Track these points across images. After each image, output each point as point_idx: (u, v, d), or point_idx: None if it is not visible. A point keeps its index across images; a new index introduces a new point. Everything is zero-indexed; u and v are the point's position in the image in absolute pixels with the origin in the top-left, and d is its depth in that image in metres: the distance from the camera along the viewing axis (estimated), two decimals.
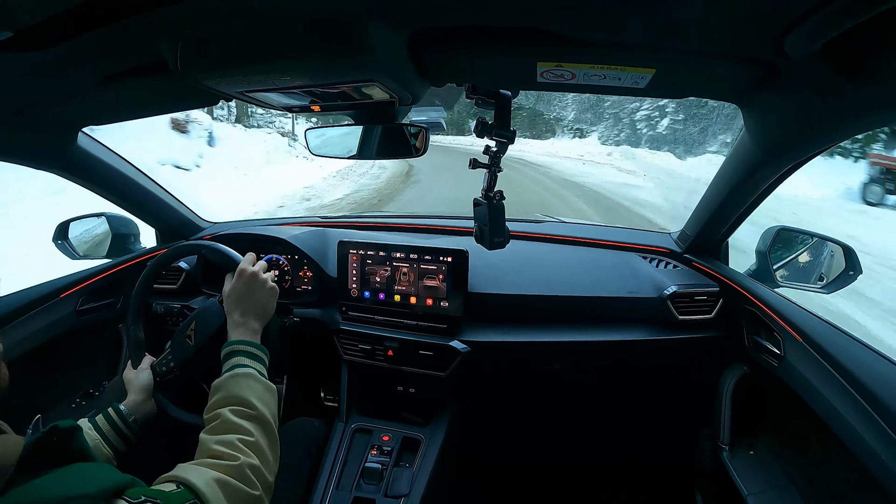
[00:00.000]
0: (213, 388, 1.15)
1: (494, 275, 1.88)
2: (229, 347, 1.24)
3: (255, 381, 1.16)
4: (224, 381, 1.15)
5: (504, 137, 1.27)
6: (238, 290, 1.35)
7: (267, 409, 1.14)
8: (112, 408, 1.35)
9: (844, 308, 5.55)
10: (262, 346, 1.28)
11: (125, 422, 1.33)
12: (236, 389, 1.12)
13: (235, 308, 1.32)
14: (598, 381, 2.16)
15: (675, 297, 1.77)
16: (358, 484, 1.63)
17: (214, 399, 1.13)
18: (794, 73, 0.91)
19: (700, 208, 1.79)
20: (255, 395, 1.13)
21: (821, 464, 1.45)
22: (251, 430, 1.07)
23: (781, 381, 1.50)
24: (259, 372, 1.20)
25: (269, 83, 1.02)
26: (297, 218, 2.50)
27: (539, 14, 0.81)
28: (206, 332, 1.44)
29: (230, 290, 1.36)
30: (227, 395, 1.12)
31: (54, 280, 1.84)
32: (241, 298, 1.33)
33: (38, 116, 1.35)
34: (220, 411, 1.08)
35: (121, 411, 1.34)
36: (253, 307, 1.34)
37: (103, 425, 1.30)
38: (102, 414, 1.33)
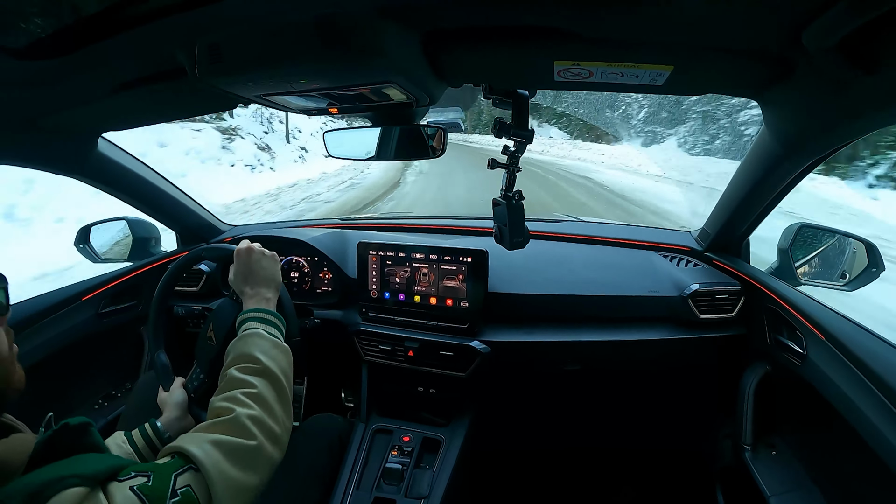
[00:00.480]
0: (227, 353, 1.16)
1: (514, 275, 1.88)
2: (241, 317, 1.26)
3: (260, 339, 1.17)
4: (232, 344, 1.17)
5: (522, 137, 1.27)
6: (239, 269, 1.37)
7: (273, 363, 1.14)
8: (149, 423, 1.34)
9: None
10: (274, 311, 1.29)
11: (160, 438, 1.33)
12: (243, 348, 1.14)
13: (244, 284, 1.34)
14: (619, 380, 2.15)
15: (696, 295, 1.76)
16: (378, 484, 1.64)
17: (227, 363, 1.14)
18: (812, 68, 0.90)
19: (720, 206, 1.78)
20: (259, 351, 1.13)
21: (844, 465, 1.43)
22: (254, 383, 1.07)
23: (804, 381, 1.48)
24: (267, 332, 1.21)
25: (285, 86, 1.02)
26: (317, 220, 2.51)
27: (555, 13, 0.81)
28: (224, 326, 1.44)
29: (234, 274, 1.38)
30: (234, 356, 1.13)
31: (76, 284, 1.86)
32: (245, 274, 1.35)
33: (57, 123, 1.36)
34: (227, 371, 1.10)
35: (157, 427, 1.34)
36: (259, 278, 1.35)
37: (138, 440, 1.30)
38: (138, 429, 1.32)
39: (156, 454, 1.26)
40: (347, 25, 0.81)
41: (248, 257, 1.38)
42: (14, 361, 0.88)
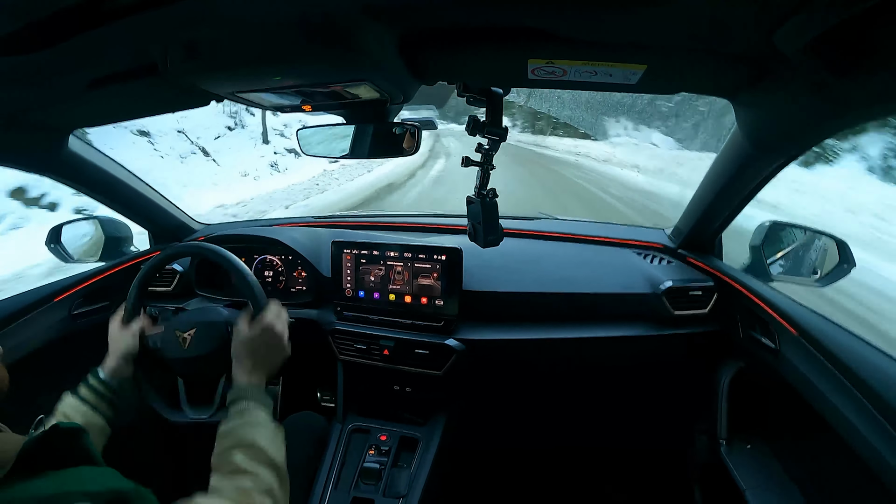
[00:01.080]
0: (223, 433, 1.13)
1: (489, 273, 1.88)
2: (238, 392, 1.22)
3: (265, 427, 1.15)
4: (234, 426, 1.13)
5: (496, 135, 1.27)
6: (258, 342, 1.30)
7: (278, 453, 1.13)
8: (91, 375, 1.34)
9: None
10: (267, 395, 1.25)
11: (109, 388, 1.34)
12: (249, 435, 1.11)
13: (249, 357, 1.28)
14: (595, 376, 2.16)
15: (669, 292, 1.77)
16: (356, 484, 1.64)
17: (225, 444, 1.10)
18: (784, 69, 0.91)
19: (693, 204, 1.79)
20: (266, 440, 1.11)
21: (818, 457, 1.45)
22: (264, 475, 1.06)
23: (778, 376, 1.50)
24: (267, 416, 1.19)
25: (260, 84, 1.02)
26: (291, 218, 2.50)
27: (528, 13, 0.81)
28: (204, 345, 1.41)
29: (251, 337, 1.30)
30: (240, 441, 1.10)
31: (48, 284, 1.84)
32: (257, 352, 1.29)
33: (27, 120, 1.34)
34: (233, 456, 1.07)
35: (101, 378, 1.34)
36: (267, 364, 1.30)
37: (88, 396, 1.30)
38: (83, 384, 1.33)
39: (109, 404, 1.29)
40: (324, 23, 0.81)
41: (275, 340, 1.33)
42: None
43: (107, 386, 1.33)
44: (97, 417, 1.28)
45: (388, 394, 1.92)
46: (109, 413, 1.32)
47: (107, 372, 1.36)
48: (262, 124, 17.77)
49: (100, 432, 1.28)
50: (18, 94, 1.15)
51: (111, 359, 1.40)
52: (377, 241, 1.84)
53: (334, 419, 1.88)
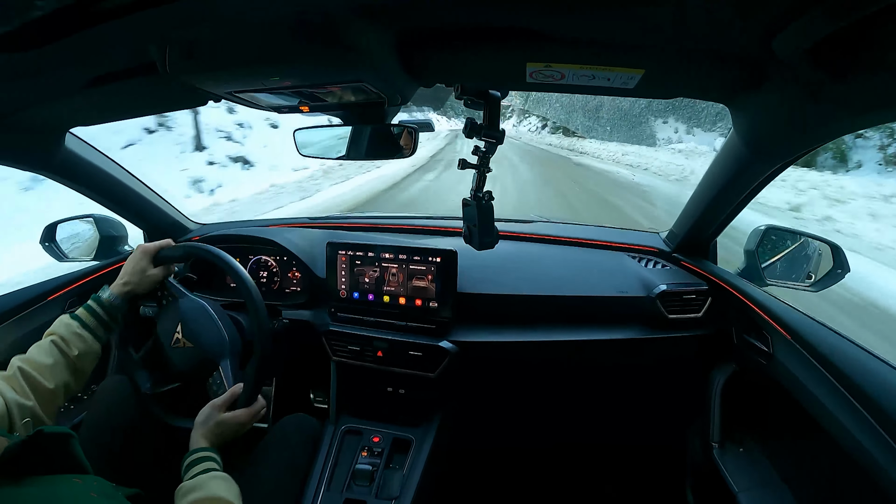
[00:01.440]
0: (189, 488, 1.11)
1: (484, 275, 1.88)
2: (200, 454, 1.20)
3: (231, 484, 1.14)
4: (203, 480, 1.12)
5: (493, 138, 1.27)
6: (225, 429, 1.29)
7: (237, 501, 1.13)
8: (93, 300, 1.37)
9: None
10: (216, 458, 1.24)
11: (109, 311, 1.36)
12: (219, 491, 1.10)
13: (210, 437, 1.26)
14: (588, 379, 2.16)
15: (664, 295, 1.78)
16: (349, 486, 1.63)
17: (196, 497, 1.08)
18: (782, 74, 0.91)
19: (689, 208, 1.80)
20: (234, 496, 1.11)
21: (811, 460, 1.46)
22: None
23: (771, 379, 1.51)
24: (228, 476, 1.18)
25: (257, 84, 1.02)
26: (286, 219, 2.49)
27: (527, 14, 0.81)
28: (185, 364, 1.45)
29: (222, 422, 1.29)
30: (211, 497, 1.09)
31: (42, 283, 1.83)
32: (220, 435, 1.28)
33: (24, 118, 1.33)
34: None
35: (104, 301, 1.38)
36: (222, 441, 1.29)
37: (89, 321, 1.32)
38: (84, 307, 1.35)
39: (107, 329, 1.35)
40: (322, 24, 0.81)
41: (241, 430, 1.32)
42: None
43: (108, 309, 1.36)
44: (95, 343, 1.31)
45: (382, 395, 1.92)
46: (104, 336, 1.35)
47: (113, 293, 1.39)
48: (194, 125, 14.05)
49: (94, 357, 1.32)
50: (14, 91, 1.15)
51: (122, 286, 1.43)
52: (372, 243, 1.84)
53: (327, 420, 1.87)
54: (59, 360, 1.22)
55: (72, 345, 1.25)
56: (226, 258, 1.50)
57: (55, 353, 1.23)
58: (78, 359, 1.25)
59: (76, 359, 1.25)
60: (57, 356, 1.22)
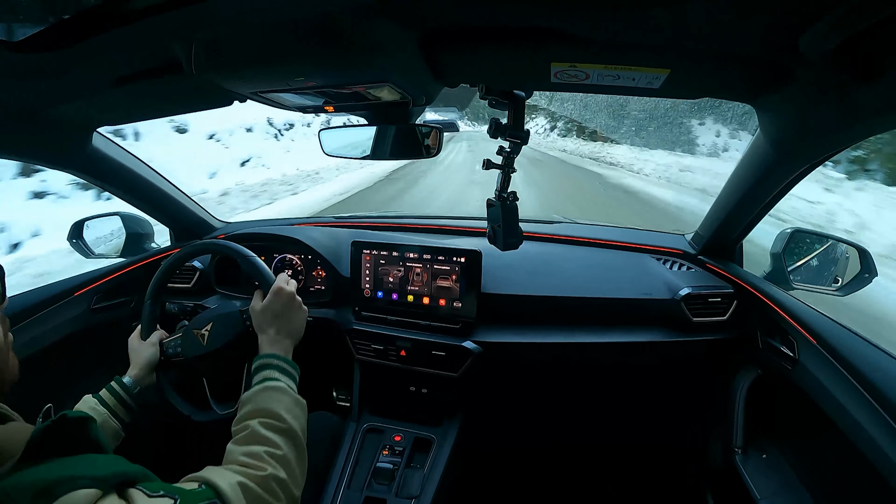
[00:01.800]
0: (243, 401, 1.14)
1: (507, 276, 1.88)
2: (262, 360, 1.23)
3: (285, 395, 1.15)
4: (255, 393, 1.14)
5: (518, 138, 1.27)
6: (275, 308, 1.33)
7: (296, 422, 1.13)
8: (115, 381, 1.38)
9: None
10: (293, 363, 1.28)
11: (129, 393, 1.37)
12: (266, 402, 1.12)
13: (271, 325, 1.31)
14: (611, 382, 2.15)
15: (688, 298, 1.76)
16: (369, 484, 1.64)
17: (244, 411, 1.11)
18: (808, 74, 0.90)
19: (714, 209, 1.78)
20: (284, 408, 1.12)
21: (834, 469, 1.44)
22: (279, 443, 1.06)
23: (795, 385, 1.49)
24: (289, 386, 1.20)
25: (282, 84, 1.03)
26: (311, 218, 2.51)
27: (553, 15, 0.81)
28: (221, 337, 1.44)
29: (265, 306, 1.33)
30: (257, 408, 1.11)
31: (69, 279, 1.86)
32: (277, 316, 1.32)
33: (53, 117, 1.36)
34: (249, 423, 1.07)
35: (125, 384, 1.38)
36: (288, 327, 1.33)
37: (109, 399, 1.33)
38: (106, 389, 1.36)
39: (128, 409, 1.33)
40: (347, 24, 0.81)
41: (289, 302, 1.36)
42: (9, 351, 0.88)
43: (129, 392, 1.37)
44: (113, 422, 1.32)
45: (404, 394, 1.92)
46: (126, 418, 1.36)
47: (131, 377, 1.40)
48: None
49: (114, 436, 1.32)
50: (44, 90, 1.17)
51: (134, 368, 1.44)
52: (396, 243, 1.85)
53: (349, 418, 1.88)
54: None
55: None
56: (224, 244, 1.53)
57: None
58: None
59: None
60: None
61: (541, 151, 26.45)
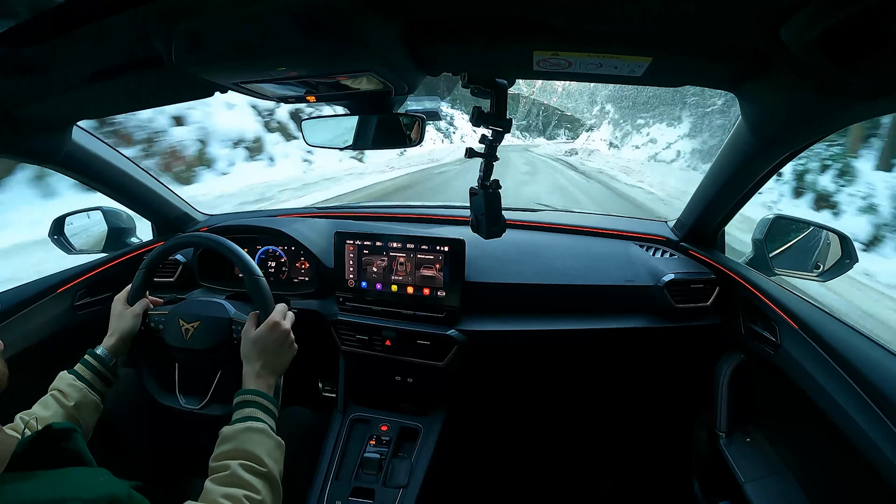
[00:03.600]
0: (224, 437, 1.13)
1: (491, 264, 1.89)
2: (246, 396, 1.23)
3: (267, 438, 1.16)
4: (237, 432, 1.14)
5: (500, 126, 1.27)
6: (266, 342, 1.32)
7: (276, 466, 1.13)
8: (89, 354, 1.38)
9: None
10: (275, 400, 1.27)
11: (105, 366, 1.38)
12: (249, 444, 1.11)
13: (258, 358, 1.30)
14: (596, 369, 2.17)
15: (671, 284, 1.78)
16: (357, 474, 1.64)
17: (225, 449, 1.11)
18: (789, 63, 0.91)
19: (696, 197, 1.80)
20: (266, 452, 1.12)
21: (817, 450, 1.46)
22: (259, 488, 1.06)
23: (778, 369, 1.50)
24: (271, 427, 1.20)
25: (264, 74, 1.02)
26: (293, 209, 2.49)
27: (535, 5, 0.81)
28: (204, 340, 1.44)
29: (258, 337, 1.32)
30: (239, 449, 1.10)
31: (51, 276, 1.84)
32: (266, 351, 1.31)
33: (31, 112, 1.34)
34: (230, 463, 1.07)
35: (100, 356, 1.39)
36: (274, 363, 1.32)
37: (85, 374, 1.34)
38: (81, 363, 1.36)
39: (105, 381, 1.34)
40: (329, 14, 0.81)
41: (283, 338, 1.35)
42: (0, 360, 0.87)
43: (104, 364, 1.38)
44: (92, 395, 1.32)
45: (390, 384, 1.92)
46: (104, 390, 1.36)
47: (106, 349, 1.40)
48: None
49: (94, 409, 1.32)
50: (21, 84, 1.16)
51: (111, 337, 1.44)
52: (380, 232, 1.84)
53: (335, 409, 1.89)
54: (58, 411, 1.25)
55: (68, 396, 1.28)
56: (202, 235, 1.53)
57: (53, 405, 1.25)
58: (76, 409, 1.27)
59: (74, 409, 1.27)
60: (55, 408, 1.25)
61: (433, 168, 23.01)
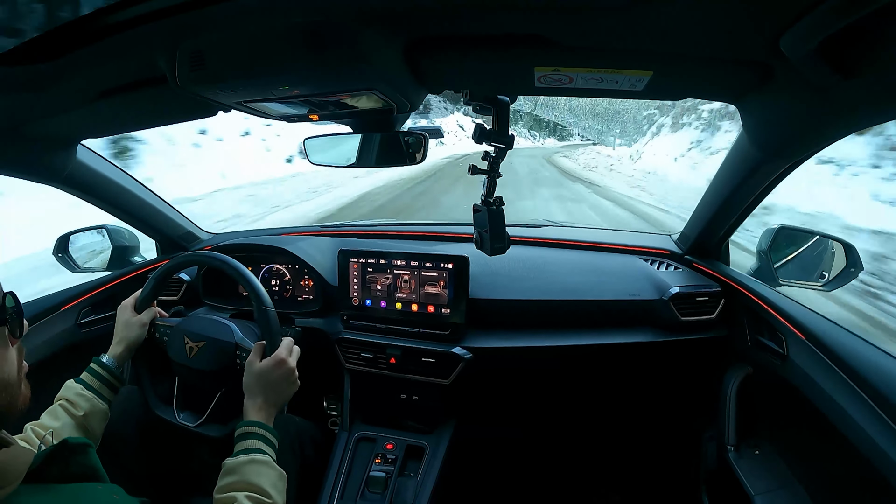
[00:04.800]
0: (228, 468, 1.14)
1: (496, 281, 1.88)
2: (248, 428, 1.23)
3: (271, 469, 1.16)
4: (241, 464, 1.14)
5: (502, 143, 1.27)
6: (271, 378, 1.32)
7: (280, 497, 1.14)
8: (95, 363, 1.40)
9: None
10: (275, 431, 1.27)
11: (112, 373, 1.40)
12: (254, 477, 1.12)
13: (261, 392, 1.30)
14: (602, 384, 2.16)
15: (677, 298, 1.77)
16: (363, 493, 1.63)
17: (230, 481, 1.12)
18: (790, 73, 0.91)
19: (700, 209, 1.79)
20: (270, 484, 1.13)
21: (827, 462, 1.44)
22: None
23: (786, 381, 1.49)
24: (273, 458, 1.20)
25: (266, 93, 1.02)
26: (297, 227, 2.50)
27: (536, 21, 0.81)
28: (207, 362, 1.45)
29: (262, 371, 1.32)
30: (245, 481, 1.11)
31: (55, 294, 1.84)
32: (270, 386, 1.31)
33: (36, 130, 1.35)
34: (236, 496, 1.08)
35: (106, 364, 1.40)
36: (277, 398, 1.32)
37: (93, 382, 1.35)
38: (88, 371, 1.38)
39: (111, 389, 1.36)
40: (332, 33, 0.81)
41: (287, 375, 1.35)
42: (23, 382, 0.88)
43: (111, 372, 1.39)
44: (101, 403, 1.34)
45: (395, 402, 1.92)
46: (111, 397, 1.38)
47: (112, 357, 1.42)
48: None
49: (103, 417, 1.34)
50: (25, 103, 1.16)
51: (117, 345, 1.46)
52: (384, 250, 1.84)
53: (340, 428, 1.88)
54: (67, 422, 1.26)
55: (77, 406, 1.29)
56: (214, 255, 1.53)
57: (62, 415, 1.26)
58: (85, 418, 1.28)
59: (83, 419, 1.28)
60: (65, 418, 1.26)
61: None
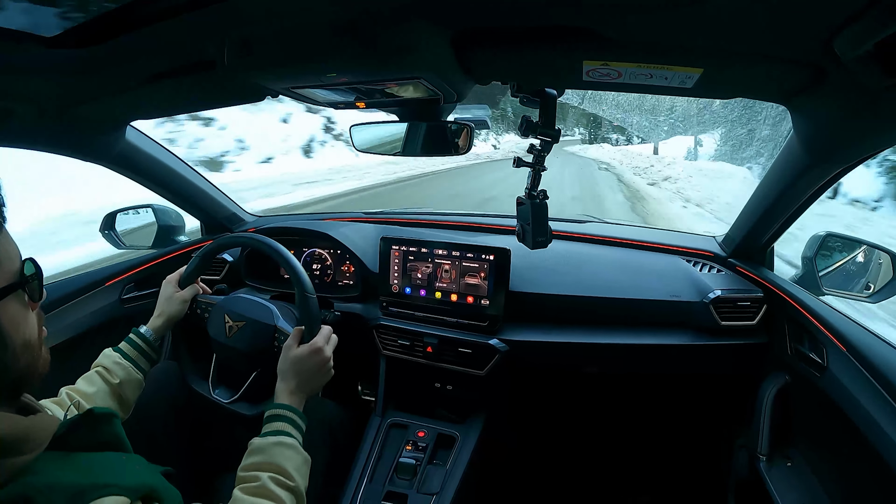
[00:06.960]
0: (255, 448, 1.16)
1: (536, 274, 1.88)
2: (279, 410, 1.24)
3: (297, 453, 1.17)
4: (268, 445, 1.16)
5: (549, 136, 1.26)
6: (306, 365, 1.33)
7: (303, 481, 1.15)
8: (134, 333, 1.45)
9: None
10: (304, 416, 1.28)
11: (150, 345, 1.45)
12: (280, 459, 1.13)
13: (295, 377, 1.31)
14: (636, 384, 2.14)
15: (718, 302, 1.75)
16: (391, 479, 1.65)
17: (256, 460, 1.13)
18: (843, 75, 0.89)
19: (746, 212, 1.76)
20: (294, 467, 1.14)
21: (860, 481, 1.41)
22: (286, 502, 1.08)
23: (824, 393, 1.46)
24: (300, 443, 1.21)
25: (314, 80, 1.04)
26: (341, 213, 2.52)
27: (586, 14, 0.81)
28: (245, 343, 1.49)
29: (298, 357, 1.33)
30: (270, 462, 1.12)
31: (100, 269, 1.89)
32: (304, 373, 1.33)
33: (87, 111, 1.39)
34: (260, 475, 1.09)
35: (144, 335, 1.45)
36: (309, 385, 1.34)
37: (130, 352, 1.40)
38: (126, 341, 1.42)
39: (148, 359, 1.40)
40: (381, 24, 0.82)
41: (322, 363, 1.36)
42: (42, 346, 0.90)
43: (149, 343, 1.43)
44: (136, 373, 1.37)
45: (429, 391, 1.93)
46: (147, 368, 1.42)
47: (151, 329, 1.46)
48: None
49: (137, 386, 1.38)
50: (78, 85, 1.19)
51: (158, 318, 1.51)
52: (425, 239, 1.86)
53: (373, 413, 1.90)
54: (102, 388, 1.29)
55: (113, 374, 1.32)
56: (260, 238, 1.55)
57: (98, 381, 1.30)
58: (120, 387, 1.32)
59: (118, 387, 1.31)
60: (100, 384, 1.29)
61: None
